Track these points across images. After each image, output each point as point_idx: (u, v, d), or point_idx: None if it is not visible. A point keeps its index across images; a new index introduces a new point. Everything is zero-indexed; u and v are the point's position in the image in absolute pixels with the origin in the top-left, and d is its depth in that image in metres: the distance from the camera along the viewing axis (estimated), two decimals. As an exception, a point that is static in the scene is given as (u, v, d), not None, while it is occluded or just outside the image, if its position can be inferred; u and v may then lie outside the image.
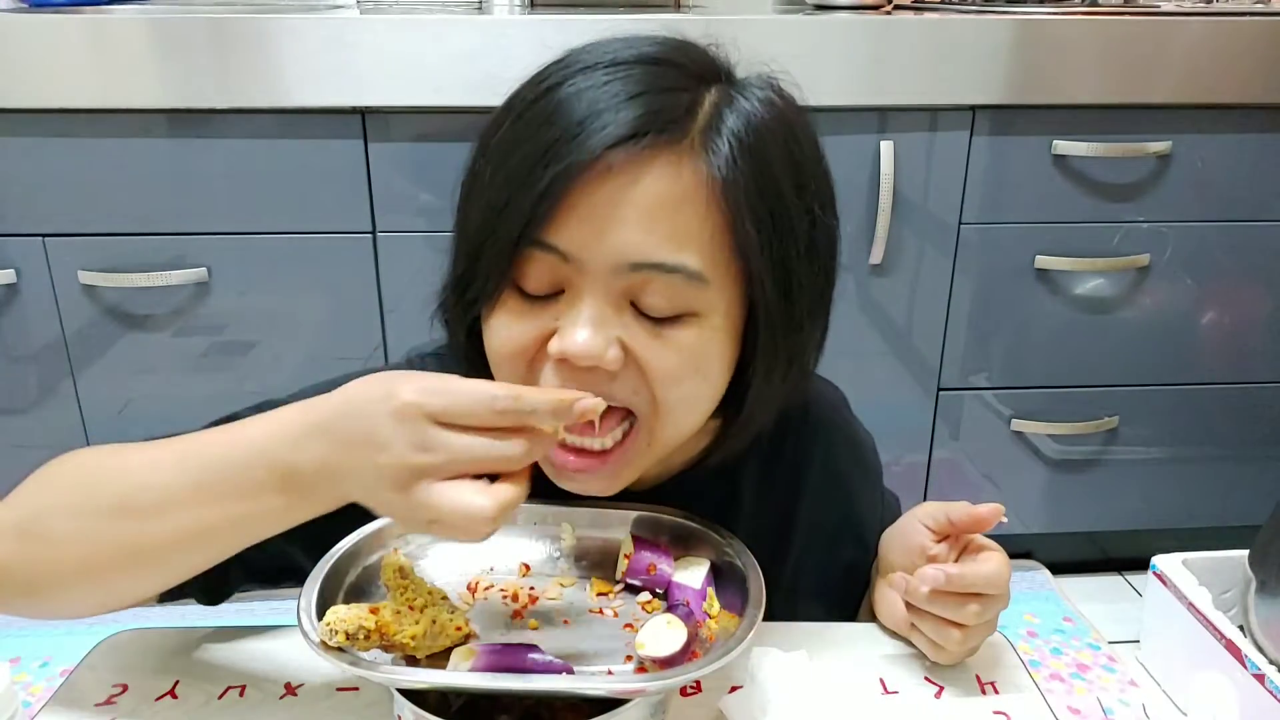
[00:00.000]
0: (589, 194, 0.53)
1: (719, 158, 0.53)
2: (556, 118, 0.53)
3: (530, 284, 0.56)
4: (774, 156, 0.56)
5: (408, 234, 1.50)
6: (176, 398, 1.57)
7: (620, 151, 0.52)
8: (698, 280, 0.54)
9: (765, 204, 0.55)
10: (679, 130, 0.53)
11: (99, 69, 1.41)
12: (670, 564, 0.63)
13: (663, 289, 0.54)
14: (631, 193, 0.52)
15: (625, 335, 0.55)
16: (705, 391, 0.59)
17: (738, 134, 0.54)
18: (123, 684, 0.65)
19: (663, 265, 0.53)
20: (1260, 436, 1.79)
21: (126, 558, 0.57)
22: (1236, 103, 1.57)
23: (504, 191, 0.54)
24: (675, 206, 0.53)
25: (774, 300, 0.56)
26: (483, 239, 0.56)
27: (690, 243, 0.54)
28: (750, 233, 0.54)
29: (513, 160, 0.54)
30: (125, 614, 0.62)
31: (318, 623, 0.53)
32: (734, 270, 0.56)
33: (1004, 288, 1.65)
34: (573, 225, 0.53)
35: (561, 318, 0.55)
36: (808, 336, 0.61)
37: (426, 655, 0.56)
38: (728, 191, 0.54)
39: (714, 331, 0.56)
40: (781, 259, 0.56)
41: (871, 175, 1.54)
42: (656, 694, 0.53)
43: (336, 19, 1.42)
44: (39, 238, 1.49)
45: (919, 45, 1.49)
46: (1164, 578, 1.44)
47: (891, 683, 0.65)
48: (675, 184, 0.53)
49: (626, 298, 0.55)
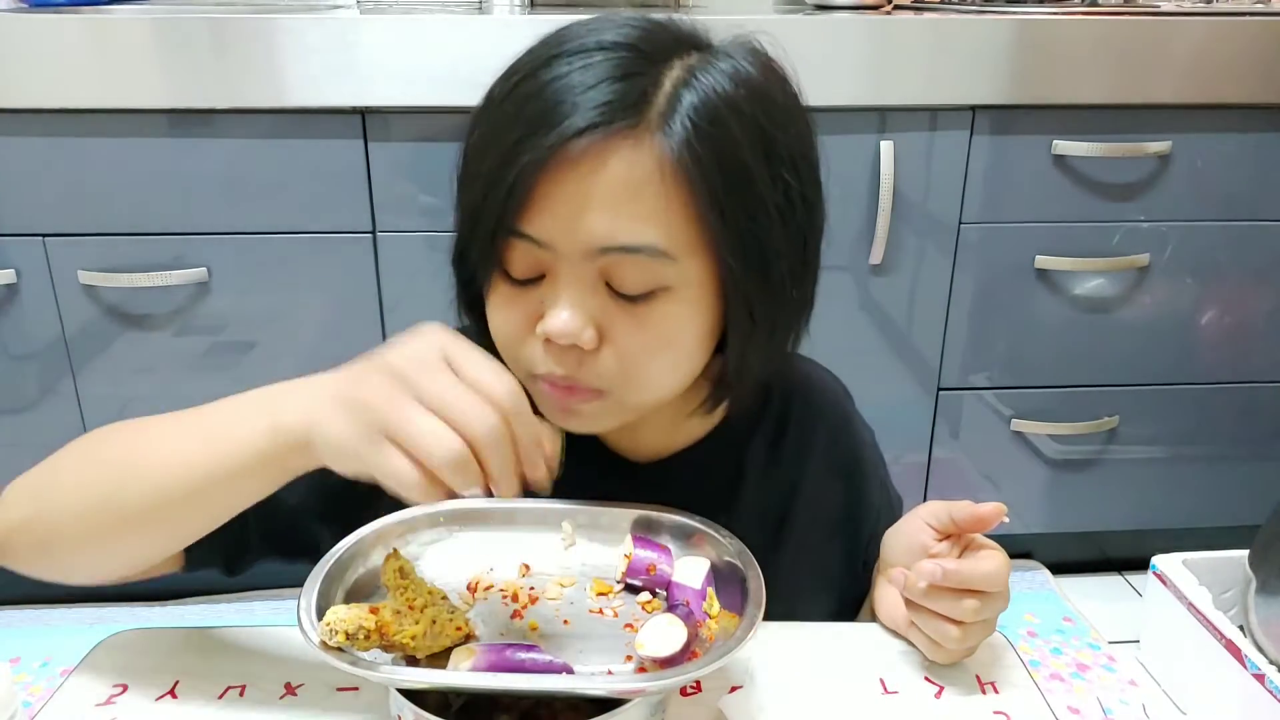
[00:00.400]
0: (555, 185, 0.55)
1: (674, 139, 0.55)
2: (522, 113, 0.56)
3: (515, 270, 0.59)
4: (736, 129, 0.57)
5: (408, 234, 1.50)
6: (176, 398, 1.55)
7: (581, 141, 0.54)
8: (664, 257, 0.57)
9: (727, 177, 0.56)
10: (636, 115, 0.55)
11: (99, 69, 1.41)
12: (670, 564, 0.63)
13: (632, 269, 0.57)
14: (594, 181, 0.55)
15: (601, 316, 0.58)
16: (680, 361, 0.61)
17: (696, 111, 0.56)
18: (123, 684, 0.65)
19: (628, 247, 0.56)
20: (1260, 436, 1.79)
21: (119, 514, 0.59)
22: (1236, 103, 1.57)
23: (481, 187, 0.57)
24: (637, 189, 0.55)
25: (742, 268, 0.58)
26: (469, 230, 0.60)
27: (654, 223, 0.56)
28: (712, 207, 0.56)
29: (487, 157, 0.57)
30: (125, 614, 0.62)
31: (317, 623, 0.53)
32: (702, 243, 0.58)
33: (1004, 288, 1.65)
34: (544, 215, 0.56)
35: (545, 300, 0.58)
36: (790, 301, 0.63)
37: (427, 655, 0.56)
38: (687, 170, 0.55)
39: (686, 304, 0.59)
40: (749, 228, 0.58)
41: (871, 175, 1.54)
42: (656, 694, 0.53)
43: (336, 19, 1.42)
44: (39, 238, 1.49)
45: (919, 45, 1.49)
46: (1164, 578, 1.44)
47: (891, 683, 0.65)
48: (635, 168, 0.55)
49: (601, 279, 0.58)
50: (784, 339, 0.66)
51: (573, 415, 0.62)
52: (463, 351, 0.51)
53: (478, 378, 0.50)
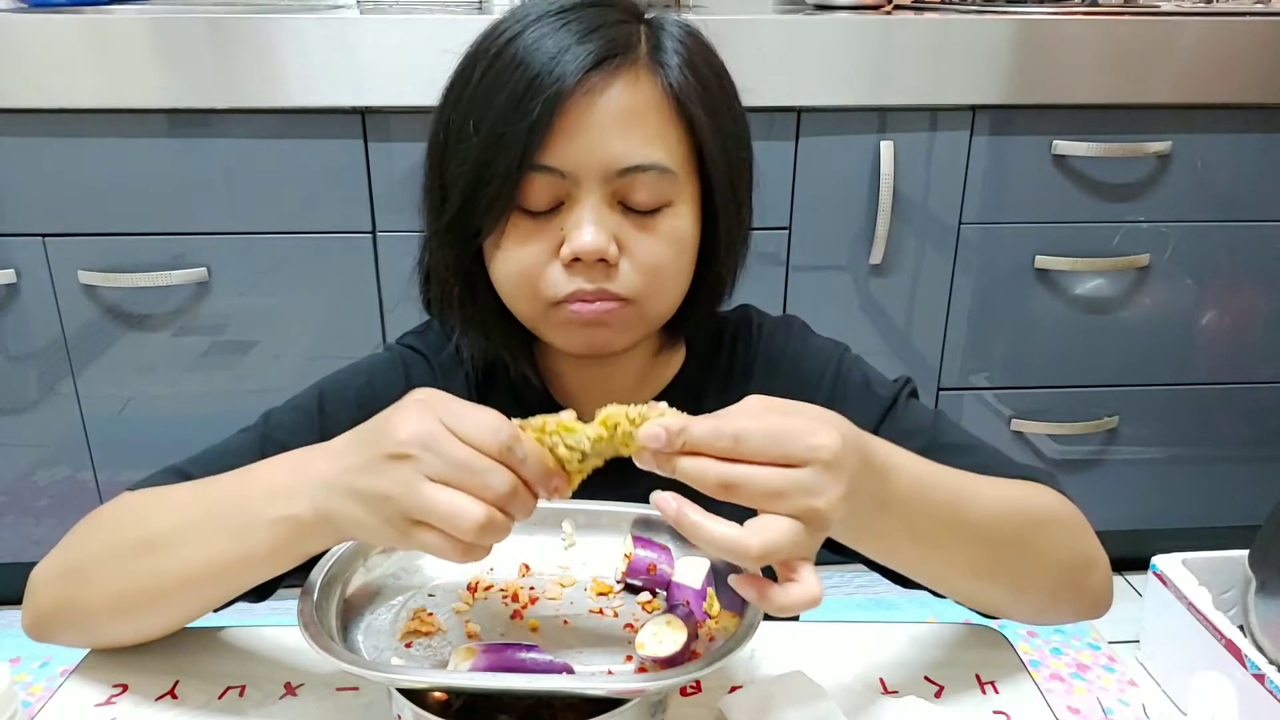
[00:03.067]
0: (573, 117, 0.62)
1: (669, 70, 0.64)
2: (529, 59, 0.62)
3: (534, 203, 0.65)
4: (702, 66, 0.67)
5: (408, 234, 1.49)
6: (176, 397, 1.57)
7: (592, 78, 0.62)
8: (669, 174, 0.65)
9: (706, 103, 0.66)
10: (633, 53, 0.64)
11: (99, 69, 1.41)
12: (670, 564, 0.63)
13: (645, 186, 0.64)
14: (607, 110, 0.63)
15: (619, 232, 0.65)
16: (684, 268, 0.69)
17: (676, 51, 0.65)
18: (123, 684, 0.65)
19: (641, 166, 0.64)
20: (1260, 436, 1.79)
21: (151, 594, 0.62)
22: (1236, 103, 1.57)
23: (496, 128, 0.62)
24: (642, 115, 0.64)
25: (725, 179, 0.68)
26: (479, 174, 0.64)
27: (660, 143, 0.64)
28: (703, 127, 0.65)
29: (498, 100, 0.63)
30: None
31: (328, 619, 0.53)
32: (691, 162, 0.67)
33: (1004, 288, 1.65)
34: (564, 146, 0.62)
35: (565, 226, 0.64)
36: (746, 214, 0.72)
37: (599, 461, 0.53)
38: (680, 96, 0.65)
39: (685, 218, 0.67)
40: (722, 145, 0.67)
41: (871, 175, 1.54)
42: (656, 694, 0.53)
43: (336, 19, 1.42)
44: (39, 238, 1.49)
45: (919, 45, 1.49)
46: (1164, 578, 1.44)
47: (891, 683, 0.65)
48: (638, 97, 0.64)
49: (616, 199, 0.65)
50: (740, 255, 0.73)
51: (601, 328, 0.67)
52: (455, 415, 0.50)
53: (478, 436, 0.50)
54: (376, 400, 0.73)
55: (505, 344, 0.72)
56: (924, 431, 0.74)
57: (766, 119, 1.50)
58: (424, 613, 0.61)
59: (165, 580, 0.61)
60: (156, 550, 0.61)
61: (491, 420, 0.50)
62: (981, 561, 0.62)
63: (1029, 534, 0.64)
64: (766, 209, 1.55)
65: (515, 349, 0.73)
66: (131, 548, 0.62)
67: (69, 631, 0.65)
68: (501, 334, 0.72)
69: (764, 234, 1.56)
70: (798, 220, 1.56)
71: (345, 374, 0.77)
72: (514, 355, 0.73)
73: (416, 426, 0.50)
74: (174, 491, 0.64)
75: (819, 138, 1.52)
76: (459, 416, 0.50)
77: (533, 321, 0.69)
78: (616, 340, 0.69)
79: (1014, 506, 0.64)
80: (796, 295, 1.59)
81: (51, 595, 0.64)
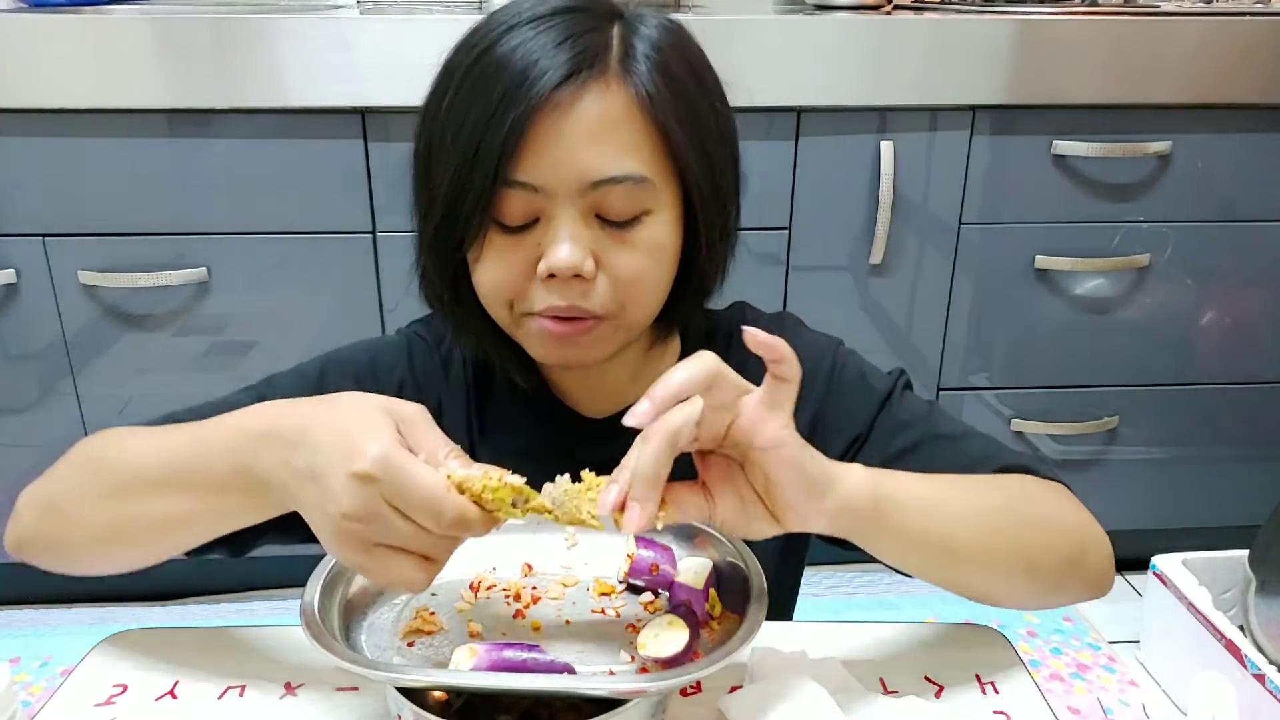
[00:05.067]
0: (544, 131, 0.61)
1: (639, 78, 0.63)
2: (500, 73, 0.62)
3: (509, 218, 0.64)
4: (678, 67, 0.65)
5: (408, 234, 1.49)
6: (176, 398, 1.55)
7: (562, 91, 0.61)
8: (646, 183, 0.64)
9: (680, 106, 0.65)
10: (602, 63, 0.63)
11: (99, 69, 1.41)
12: (673, 564, 0.63)
13: (620, 197, 0.63)
14: (578, 123, 0.62)
15: (596, 246, 0.64)
16: (662, 278, 0.68)
17: (648, 56, 0.64)
18: (123, 684, 0.65)
19: (616, 177, 0.63)
20: (1260, 436, 1.79)
21: (121, 535, 0.63)
22: (1236, 103, 1.57)
23: (471, 143, 0.62)
24: (615, 125, 0.63)
25: (705, 182, 0.67)
26: (458, 187, 0.63)
27: (634, 152, 0.63)
28: (676, 131, 0.64)
29: (472, 115, 0.62)
30: (125, 614, 0.62)
31: (317, 620, 0.53)
32: (668, 167, 0.65)
33: (1004, 288, 1.65)
34: (537, 161, 0.62)
35: (542, 241, 0.64)
36: (732, 210, 0.71)
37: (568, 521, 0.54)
38: (651, 103, 0.63)
39: (664, 224, 0.66)
40: (701, 147, 0.66)
41: (871, 175, 1.54)
42: (657, 694, 0.53)
43: (336, 19, 1.42)
44: (39, 238, 1.49)
45: (919, 45, 1.49)
46: (1164, 578, 1.44)
47: (891, 683, 0.65)
48: (610, 107, 0.63)
49: (592, 212, 0.64)
50: (726, 251, 0.72)
51: (574, 345, 0.67)
52: (392, 479, 0.50)
53: (421, 507, 0.50)
54: (375, 380, 0.76)
55: (495, 348, 0.72)
56: (919, 423, 0.75)
57: (766, 119, 1.50)
58: (426, 612, 0.62)
59: (137, 524, 0.62)
60: (129, 495, 0.62)
61: (434, 495, 0.50)
62: (979, 565, 0.64)
63: (1026, 533, 0.66)
64: (766, 209, 1.55)
65: (505, 353, 0.73)
66: (107, 489, 0.63)
67: (47, 557, 0.67)
68: (491, 338, 0.72)
69: (764, 234, 1.56)
70: (797, 220, 1.56)
71: (352, 349, 0.80)
72: (503, 358, 0.73)
73: (358, 501, 0.50)
74: (154, 435, 0.64)
75: (819, 138, 1.52)
76: (400, 493, 0.50)
77: (510, 331, 0.70)
78: (592, 354, 0.68)
79: (1006, 508, 0.66)
80: (796, 295, 1.59)
81: (33, 523, 0.66)
